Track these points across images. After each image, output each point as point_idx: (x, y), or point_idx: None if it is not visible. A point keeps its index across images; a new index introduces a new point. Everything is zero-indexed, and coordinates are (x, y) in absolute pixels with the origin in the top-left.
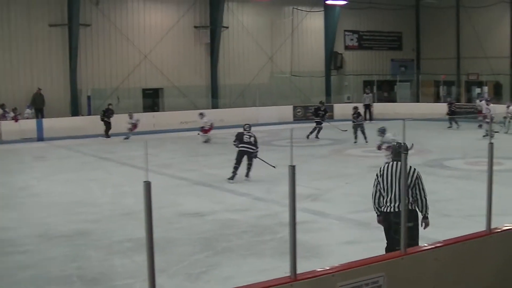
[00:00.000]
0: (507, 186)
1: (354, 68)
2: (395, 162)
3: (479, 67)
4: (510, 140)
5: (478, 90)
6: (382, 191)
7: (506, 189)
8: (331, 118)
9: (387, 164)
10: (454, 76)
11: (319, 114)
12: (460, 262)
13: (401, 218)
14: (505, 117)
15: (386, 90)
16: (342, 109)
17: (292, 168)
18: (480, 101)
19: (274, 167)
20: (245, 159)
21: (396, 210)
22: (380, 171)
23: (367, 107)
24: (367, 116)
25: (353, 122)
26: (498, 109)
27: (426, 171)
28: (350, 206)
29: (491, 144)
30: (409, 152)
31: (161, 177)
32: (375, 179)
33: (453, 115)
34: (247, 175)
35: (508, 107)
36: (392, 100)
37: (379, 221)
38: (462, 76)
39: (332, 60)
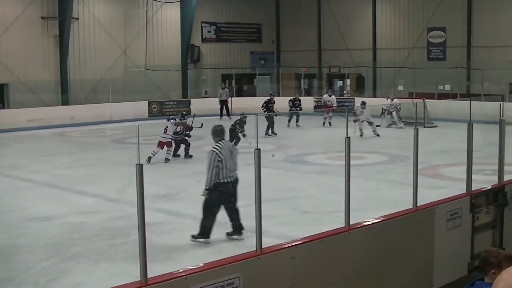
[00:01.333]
0: (368, 180)
1: (212, 61)
2: (224, 141)
3: (341, 59)
4: (387, 134)
5: (340, 83)
6: (221, 165)
7: (367, 183)
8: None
9: (221, 144)
10: (315, 68)
11: (270, 108)
12: (318, 259)
13: (255, 220)
14: (384, 110)
15: (245, 84)
16: (200, 104)
17: (140, 167)
18: (330, 95)
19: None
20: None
21: (235, 178)
22: (219, 149)
23: (223, 103)
24: (224, 112)
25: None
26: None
27: (286, 167)
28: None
29: (348, 138)
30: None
31: (7, 180)
32: (215, 157)
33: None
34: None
35: (391, 99)
36: (252, 94)
37: (206, 194)
38: (323, 69)
39: (189, 53)
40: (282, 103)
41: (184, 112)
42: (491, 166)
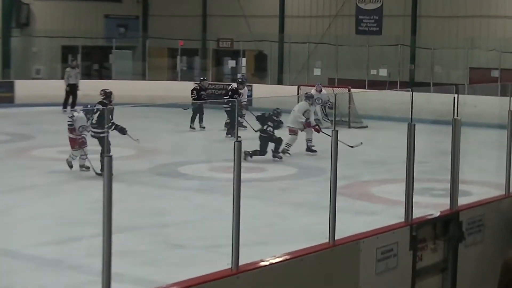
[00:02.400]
0: (269, 202)
1: (49, 26)
2: None
3: (235, 30)
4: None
5: (232, 63)
6: None
7: (267, 206)
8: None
9: None
10: (198, 42)
11: (203, 97)
12: None
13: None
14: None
15: (97, 61)
16: (29, 89)
17: None
18: (241, 85)
19: None
20: None
21: None
22: None
23: (72, 88)
24: (70, 102)
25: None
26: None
27: (153, 182)
28: (36, 234)
29: (238, 142)
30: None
31: None
32: None
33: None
34: None
35: (317, 91)
36: (106, 76)
37: None
38: (209, 43)
39: (14, 14)
40: (154, 90)
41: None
42: (441, 184)
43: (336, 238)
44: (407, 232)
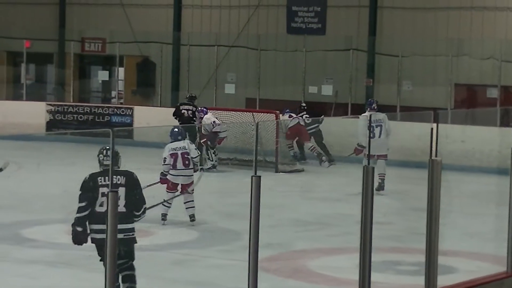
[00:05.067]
0: (152, 283)
1: None
2: None
3: (108, 25)
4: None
5: (103, 74)
6: None
7: None
8: None
9: None
10: (52, 43)
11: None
12: None
13: None
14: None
15: None
16: None
17: None
18: (203, 113)
19: None
20: None
21: None
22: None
23: None
24: None
25: None
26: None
27: None
28: None
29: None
30: None
31: None
32: None
33: None
34: None
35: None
36: None
37: None
38: (69, 44)
39: None
40: None
41: None
42: (412, 256)
43: None
44: None
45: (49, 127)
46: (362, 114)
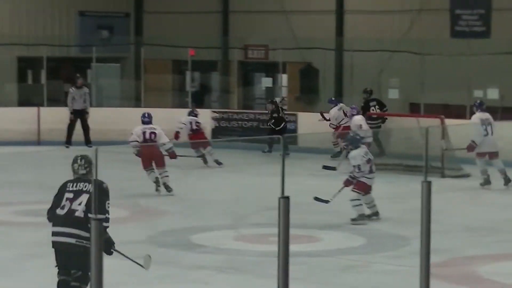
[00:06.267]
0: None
1: None
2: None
3: (271, 32)
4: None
5: (266, 81)
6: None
7: None
8: None
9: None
10: (216, 51)
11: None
12: None
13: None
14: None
15: (68, 80)
16: None
17: None
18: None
19: None
20: None
21: None
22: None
23: (79, 115)
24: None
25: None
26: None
27: (156, 257)
28: None
29: (286, 198)
30: None
31: None
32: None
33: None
34: None
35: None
36: None
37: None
38: (233, 52)
39: None
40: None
41: None
42: None
43: None
44: None
45: (214, 134)
46: (474, 115)
